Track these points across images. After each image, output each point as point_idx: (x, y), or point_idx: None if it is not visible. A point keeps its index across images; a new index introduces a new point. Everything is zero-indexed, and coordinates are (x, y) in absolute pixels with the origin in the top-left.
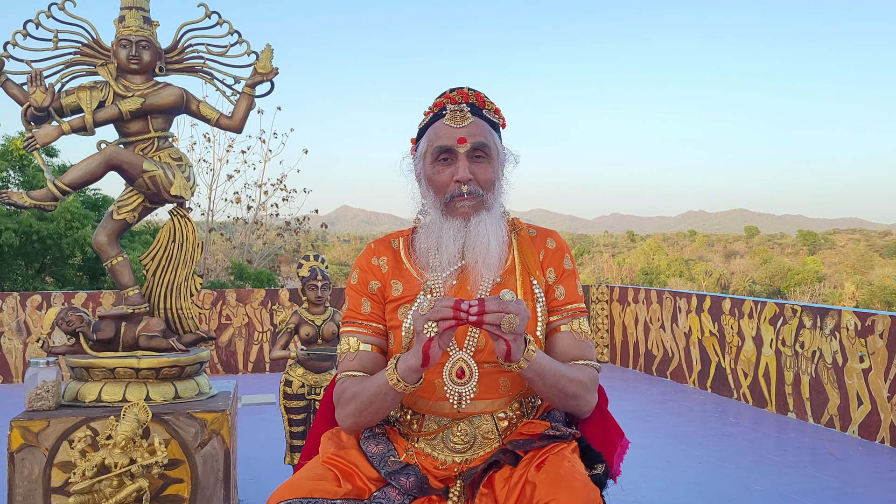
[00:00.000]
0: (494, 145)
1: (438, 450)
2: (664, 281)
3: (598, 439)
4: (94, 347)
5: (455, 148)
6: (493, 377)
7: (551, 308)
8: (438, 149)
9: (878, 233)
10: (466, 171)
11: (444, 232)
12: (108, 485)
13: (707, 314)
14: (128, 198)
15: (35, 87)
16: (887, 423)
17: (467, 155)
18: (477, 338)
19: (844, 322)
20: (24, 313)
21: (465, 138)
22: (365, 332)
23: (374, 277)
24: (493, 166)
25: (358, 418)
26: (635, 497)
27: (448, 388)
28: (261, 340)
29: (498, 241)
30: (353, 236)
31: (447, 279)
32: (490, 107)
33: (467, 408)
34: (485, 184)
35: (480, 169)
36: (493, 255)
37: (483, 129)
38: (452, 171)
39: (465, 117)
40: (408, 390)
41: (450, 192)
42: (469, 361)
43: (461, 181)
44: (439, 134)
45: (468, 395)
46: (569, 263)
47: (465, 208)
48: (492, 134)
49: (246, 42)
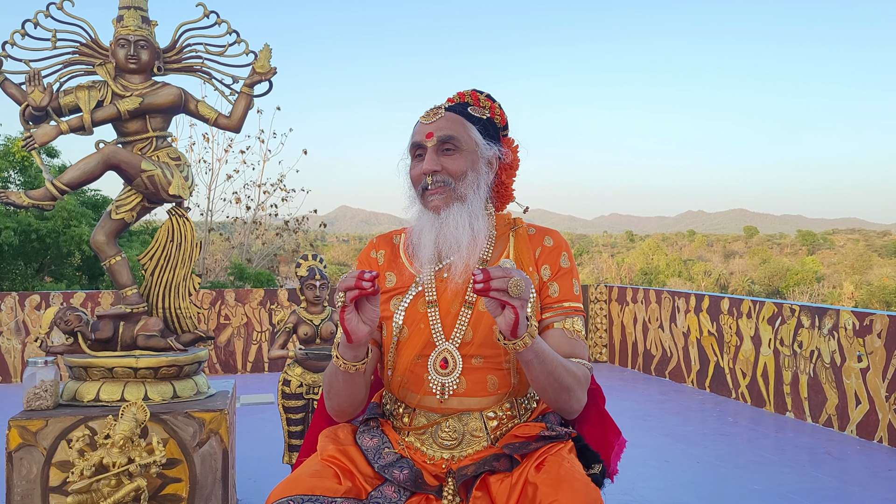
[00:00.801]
0: (468, 137)
1: (427, 445)
2: (663, 281)
3: (595, 438)
4: (92, 347)
5: (423, 142)
6: (480, 374)
7: (544, 305)
8: (412, 145)
9: (876, 233)
10: (432, 163)
11: (423, 225)
12: (106, 484)
13: (706, 314)
14: (126, 197)
15: (33, 86)
16: (885, 423)
17: (436, 149)
18: (464, 331)
19: (843, 322)
20: (22, 313)
21: (433, 132)
22: None
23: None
24: (463, 157)
25: (330, 401)
26: (633, 496)
27: (432, 377)
28: (259, 340)
29: (473, 232)
30: (352, 236)
31: (440, 272)
32: (484, 104)
33: (455, 404)
34: (455, 174)
35: (449, 160)
36: (464, 246)
37: (454, 122)
38: (423, 164)
39: (436, 113)
40: (349, 368)
41: (420, 184)
42: (454, 352)
43: (426, 172)
44: (414, 132)
45: (451, 385)
46: (566, 262)
47: (435, 201)
48: (465, 127)
49: (244, 42)
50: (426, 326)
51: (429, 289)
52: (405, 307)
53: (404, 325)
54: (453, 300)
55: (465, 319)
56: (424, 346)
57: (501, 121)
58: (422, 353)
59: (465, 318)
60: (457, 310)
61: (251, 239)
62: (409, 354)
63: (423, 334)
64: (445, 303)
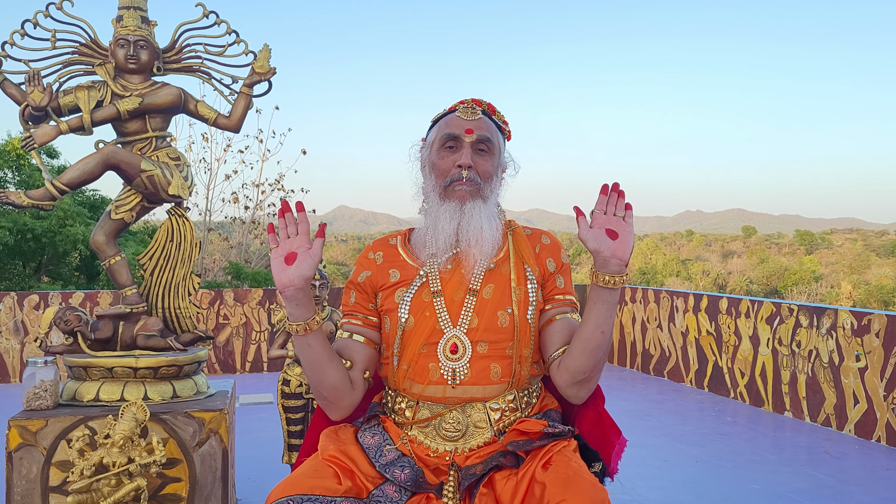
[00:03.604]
0: (498, 143)
1: (431, 437)
2: (661, 280)
3: (595, 438)
4: (91, 347)
5: (462, 136)
6: (485, 362)
7: (549, 296)
8: (446, 136)
9: (875, 232)
10: (469, 158)
11: (441, 214)
12: (106, 484)
13: (704, 313)
14: (126, 197)
15: (33, 86)
16: (883, 422)
17: (472, 145)
18: (470, 317)
19: (841, 321)
20: (21, 313)
21: (473, 129)
22: (348, 321)
23: (365, 269)
24: (493, 161)
25: (312, 385)
26: (632, 495)
27: (442, 363)
28: (259, 340)
29: (491, 229)
30: (350, 236)
31: (444, 264)
32: (499, 116)
33: (460, 393)
34: (484, 175)
35: (482, 160)
36: (486, 239)
37: (490, 126)
38: (456, 157)
39: (475, 113)
40: (299, 330)
41: (450, 175)
42: (462, 338)
43: (462, 166)
44: (449, 124)
45: (462, 371)
46: (565, 258)
47: (462, 192)
48: (497, 134)
49: (244, 42)
50: (432, 314)
51: (433, 279)
52: (410, 297)
53: (410, 314)
54: (457, 289)
55: (470, 306)
56: (431, 333)
57: (508, 136)
58: (428, 340)
59: (471, 304)
60: (461, 297)
61: (250, 239)
62: (415, 344)
63: (430, 322)
64: (450, 291)
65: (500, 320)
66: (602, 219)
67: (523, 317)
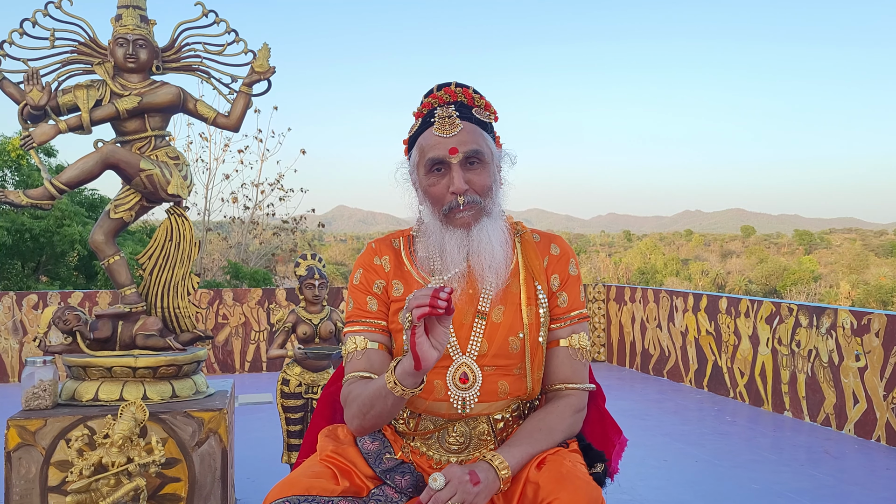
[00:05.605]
0: (488, 149)
1: (434, 449)
2: (661, 280)
3: (597, 437)
4: (90, 346)
5: (447, 159)
6: (492, 380)
7: (553, 315)
8: (430, 161)
9: (873, 232)
10: (461, 182)
11: (447, 241)
12: (105, 484)
13: (703, 313)
14: (125, 197)
15: (32, 85)
16: (883, 422)
17: (461, 164)
18: (479, 342)
19: (840, 321)
20: (20, 312)
21: (457, 148)
22: (372, 330)
23: (378, 277)
24: (488, 171)
25: (363, 421)
26: (632, 495)
27: (452, 392)
28: (258, 339)
29: (502, 245)
30: (349, 236)
31: (451, 281)
32: (479, 103)
33: (466, 412)
34: (482, 190)
35: (476, 176)
36: (498, 259)
37: (474, 133)
38: (447, 181)
39: (454, 124)
40: (407, 395)
41: (447, 203)
42: (472, 366)
43: (457, 192)
44: (430, 145)
45: (472, 399)
46: (573, 269)
47: (464, 219)
48: (483, 137)
49: (243, 41)
50: None
51: None
52: None
53: None
54: (465, 311)
55: (479, 331)
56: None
57: (495, 118)
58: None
59: (480, 329)
60: (470, 321)
61: (249, 238)
62: None
63: None
64: (459, 314)
65: (511, 346)
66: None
67: (535, 340)
